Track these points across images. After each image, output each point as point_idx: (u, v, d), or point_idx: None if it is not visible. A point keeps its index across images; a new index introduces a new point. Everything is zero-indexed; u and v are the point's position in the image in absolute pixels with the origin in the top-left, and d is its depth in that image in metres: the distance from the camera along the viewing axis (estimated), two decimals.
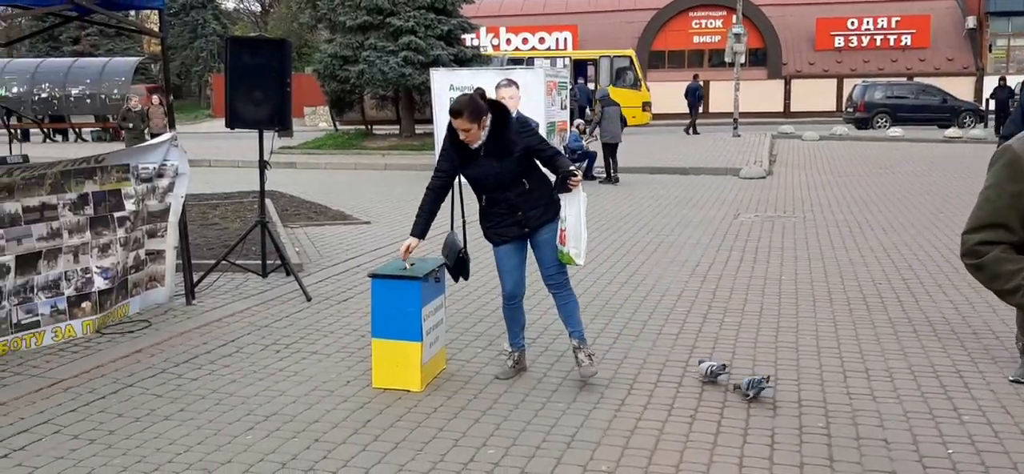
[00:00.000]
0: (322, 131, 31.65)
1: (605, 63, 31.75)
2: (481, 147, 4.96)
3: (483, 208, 5.15)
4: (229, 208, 12.39)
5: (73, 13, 6.98)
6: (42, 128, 30.21)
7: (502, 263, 5.16)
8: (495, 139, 4.96)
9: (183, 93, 51.28)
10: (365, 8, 23.90)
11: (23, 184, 5.76)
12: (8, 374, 5.33)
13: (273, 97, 7.48)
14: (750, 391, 4.79)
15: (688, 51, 41.09)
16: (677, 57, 41.10)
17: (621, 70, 31.35)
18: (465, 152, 5.01)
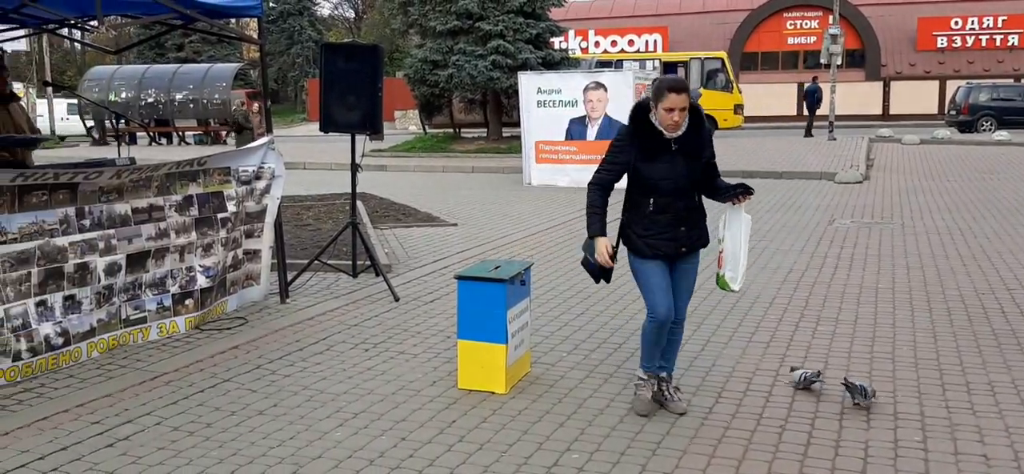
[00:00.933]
0: (412, 134, 32.17)
1: (696, 65, 31.27)
2: (675, 141, 4.50)
3: (648, 213, 4.58)
4: (322, 209, 12.72)
5: (178, 22, 7.28)
6: (148, 131, 31.60)
7: (651, 279, 4.61)
8: (691, 135, 4.53)
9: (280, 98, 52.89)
10: (455, 13, 24.19)
11: (132, 186, 6.04)
12: (115, 367, 5.59)
13: (365, 102, 7.63)
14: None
15: (782, 53, 40.19)
16: (771, 59, 40.24)
17: (712, 72, 30.83)
18: (652, 146, 4.51)
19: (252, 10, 7.02)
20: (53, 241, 5.45)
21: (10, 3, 6.60)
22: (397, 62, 41.36)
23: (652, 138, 4.51)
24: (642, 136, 4.54)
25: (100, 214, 5.78)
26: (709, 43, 36.75)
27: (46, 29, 8.12)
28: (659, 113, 4.47)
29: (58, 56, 50.37)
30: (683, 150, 4.52)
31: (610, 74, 17.56)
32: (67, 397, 5.02)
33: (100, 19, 5.82)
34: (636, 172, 4.59)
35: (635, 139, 4.57)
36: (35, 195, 5.36)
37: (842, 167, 17.60)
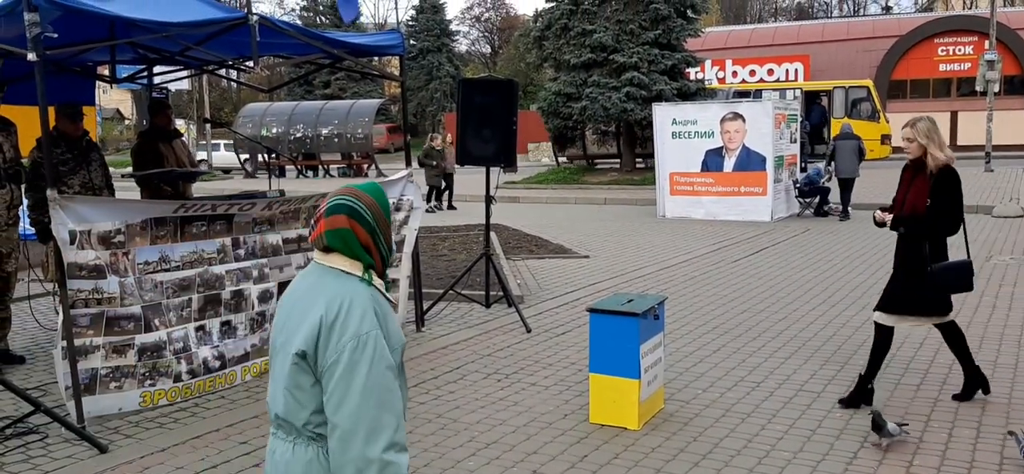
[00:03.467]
0: (544, 166, 32.43)
1: (839, 94, 30.14)
2: None
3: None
4: (457, 240, 12.98)
5: (326, 61, 7.66)
6: (296, 165, 33.22)
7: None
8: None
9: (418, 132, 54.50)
10: (589, 46, 24.31)
11: (282, 217, 6.37)
12: (261, 390, 5.86)
13: (500, 135, 7.77)
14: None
15: (933, 80, 38.19)
16: (921, 86, 38.32)
17: (857, 101, 29.62)
18: None
19: (394, 49, 7.29)
20: (211, 269, 5.80)
21: (175, 47, 7.13)
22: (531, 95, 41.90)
23: None
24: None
25: (254, 244, 6.12)
26: (854, 71, 35.35)
27: (206, 70, 8.70)
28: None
29: (216, 94, 53.83)
30: None
31: (748, 104, 17.19)
32: (218, 417, 5.31)
33: (256, 60, 6.19)
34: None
35: None
36: (195, 226, 5.73)
37: (1000, 200, 16.50)
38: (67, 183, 6.59)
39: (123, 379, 5.29)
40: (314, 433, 2.18)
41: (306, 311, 2.20)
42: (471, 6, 69.62)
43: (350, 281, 2.22)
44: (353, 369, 2.11)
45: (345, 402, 2.10)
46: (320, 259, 2.27)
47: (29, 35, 4.68)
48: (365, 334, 2.13)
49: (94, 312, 5.16)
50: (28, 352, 6.86)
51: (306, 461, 2.18)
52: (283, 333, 2.25)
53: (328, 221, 2.23)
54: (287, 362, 2.19)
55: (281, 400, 2.21)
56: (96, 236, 5.12)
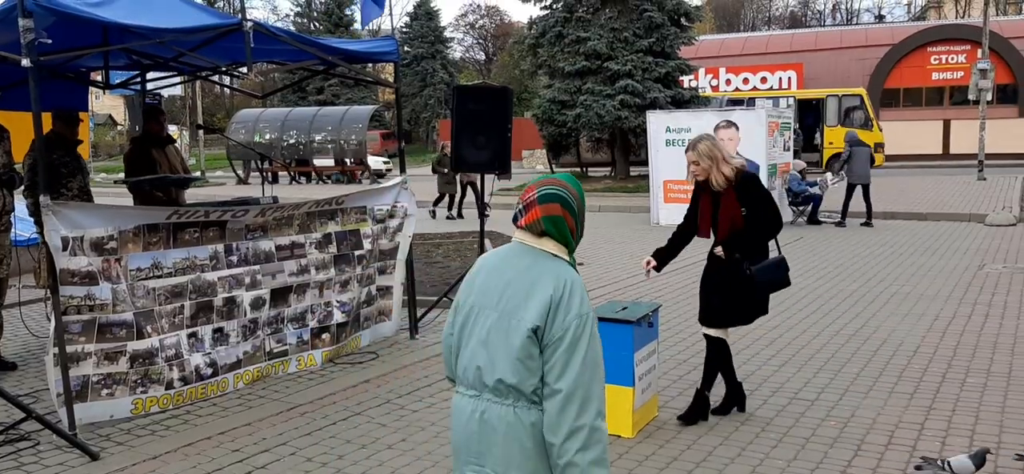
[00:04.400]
0: (539, 173, 32.44)
1: (833, 102, 30.21)
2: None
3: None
4: (450, 247, 12.97)
5: (320, 67, 7.66)
6: (289, 171, 33.17)
7: None
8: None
9: (412, 138, 54.54)
10: (584, 54, 24.37)
11: (275, 224, 6.35)
12: (254, 397, 5.85)
13: (494, 142, 7.77)
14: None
15: (926, 88, 38.35)
16: (913, 95, 38.47)
17: (850, 109, 29.69)
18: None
19: (389, 55, 7.29)
20: (204, 276, 5.79)
21: (169, 53, 7.11)
22: (526, 102, 41.97)
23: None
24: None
25: (246, 251, 6.10)
26: (847, 80, 35.47)
27: (199, 76, 8.69)
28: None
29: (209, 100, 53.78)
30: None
31: (742, 112, 17.23)
32: (210, 424, 5.29)
33: (250, 66, 6.19)
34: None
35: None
36: (188, 232, 5.71)
37: (993, 208, 16.56)
38: (66, 186, 6.61)
39: (115, 386, 5.27)
40: (536, 398, 2.42)
41: (532, 288, 2.44)
42: (465, 13, 69.94)
43: (562, 264, 2.52)
44: (576, 344, 2.37)
45: (567, 372, 2.36)
46: (532, 241, 2.53)
47: (23, 41, 4.67)
48: (586, 314, 2.42)
49: (86, 319, 5.14)
50: (19, 359, 6.82)
51: (530, 423, 2.41)
52: (500, 303, 2.47)
53: (544, 208, 2.51)
54: (518, 338, 2.41)
55: (510, 368, 2.42)
56: (89, 242, 5.10)
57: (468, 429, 2.51)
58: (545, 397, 2.39)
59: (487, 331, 2.48)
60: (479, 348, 2.50)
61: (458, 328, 2.60)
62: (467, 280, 2.63)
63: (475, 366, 2.50)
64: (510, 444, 2.42)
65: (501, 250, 2.62)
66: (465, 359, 2.55)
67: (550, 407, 2.37)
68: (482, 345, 2.49)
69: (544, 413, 2.39)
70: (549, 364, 2.39)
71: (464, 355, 2.55)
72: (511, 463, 2.43)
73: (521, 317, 2.42)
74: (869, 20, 62.32)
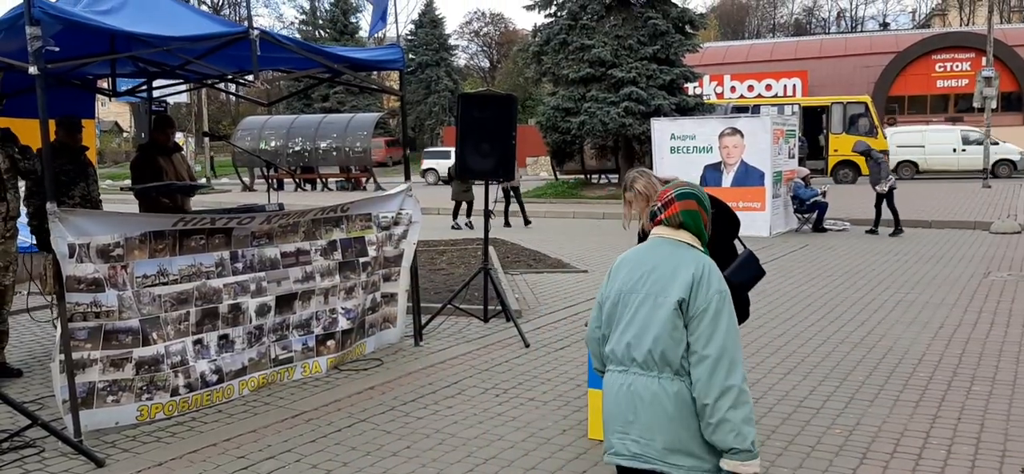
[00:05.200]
0: (543, 180, 32.46)
1: (837, 110, 30.20)
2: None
3: None
4: (454, 254, 12.98)
5: (326, 75, 7.68)
6: (294, 178, 33.24)
7: None
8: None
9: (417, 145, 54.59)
10: (588, 61, 24.39)
11: (280, 231, 6.37)
12: (260, 404, 5.86)
13: (499, 149, 7.79)
14: None
15: (931, 96, 38.37)
16: (918, 102, 38.47)
17: (855, 117, 29.69)
18: None
19: (395, 63, 7.30)
20: (209, 283, 5.80)
21: (176, 61, 7.14)
22: (530, 109, 42.00)
23: None
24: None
25: (252, 258, 6.12)
26: (852, 87, 35.47)
27: (206, 84, 8.72)
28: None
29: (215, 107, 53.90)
30: None
31: (747, 120, 17.23)
32: (216, 431, 5.30)
33: (256, 74, 6.21)
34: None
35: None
36: (194, 239, 5.73)
37: (998, 216, 16.54)
38: (69, 194, 6.63)
39: (120, 393, 5.28)
40: (681, 368, 2.70)
41: (676, 270, 2.76)
42: (470, 20, 70.15)
43: (698, 251, 2.85)
44: (718, 314, 2.69)
45: (713, 339, 2.67)
46: (670, 234, 2.87)
47: (31, 49, 4.69)
48: (725, 291, 2.73)
49: (92, 325, 5.15)
50: (25, 365, 6.84)
51: (674, 392, 2.70)
52: (645, 287, 2.80)
53: (682, 204, 2.88)
54: (665, 311, 2.72)
55: (658, 341, 2.72)
56: (95, 249, 5.12)
57: (617, 401, 2.81)
58: (694, 364, 2.69)
59: (634, 311, 2.80)
60: (627, 328, 2.82)
61: (605, 319, 2.92)
62: (608, 276, 2.97)
63: (625, 343, 2.81)
64: (655, 411, 2.71)
65: (640, 247, 2.96)
66: (613, 341, 2.87)
67: (700, 372, 2.66)
68: (630, 324, 2.81)
69: (693, 380, 2.67)
70: (696, 334, 2.69)
71: (613, 338, 2.88)
72: (655, 429, 2.71)
73: (668, 294, 2.74)
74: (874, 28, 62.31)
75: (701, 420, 2.66)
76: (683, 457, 2.70)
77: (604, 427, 2.90)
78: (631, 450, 2.76)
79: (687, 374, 2.70)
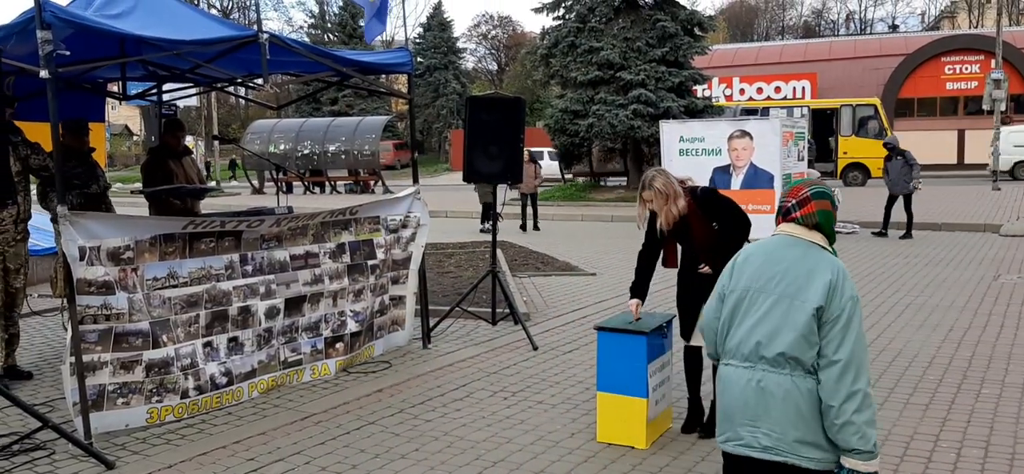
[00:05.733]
0: (551, 184, 32.45)
1: (847, 112, 30.12)
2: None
3: None
4: (463, 257, 12.99)
5: (335, 78, 7.70)
6: (304, 181, 33.31)
7: None
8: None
9: (424, 148, 54.67)
10: (596, 63, 24.38)
11: (290, 234, 6.39)
12: (269, 406, 5.87)
13: (507, 152, 7.79)
14: None
15: (940, 98, 38.19)
16: (928, 105, 38.31)
17: (864, 119, 29.61)
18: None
19: (403, 67, 7.32)
20: (219, 285, 5.82)
21: (186, 64, 7.17)
22: (538, 112, 42.00)
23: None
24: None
25: (261, 260, 6.14)
26: (861, 89, 35.36)
27: (215, 87, 8.75)
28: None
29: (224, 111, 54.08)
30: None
31: (756, 122, 17.18)
32: (225, 433, 5.31)
33: (265, 78, 6.23)
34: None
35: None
36: (204, 242, 5.75)
37: (1008, 218, 16.46)
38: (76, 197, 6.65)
39: (130, 395, 5.30)
40: (812, 368, 2.81)
41: (810, 274, 2.86)
42: (478, 23, 70.22)
43: (830, 255, 2.94)
44: (850, 321, 2.79)
45: (843, 345, 2.77)
46: (802, 233, 2.95)
47: (41, 52, 4.71)
48: (856, 297, 2.84)
49: (102, 328, 5.17)
50: (35, 368, 6.87)
51: (806, 390, 2.81)
52: (778, 287, 2.88)
53: (819, 204, 2.96)
54: (802, 316, 2.81)
55: (793, 343, 2.81)
56: (105, 252, 5.14)
57: (744, 396, 2.91)
58: (822, 367, 2.79)
59: (765, 311, 2.89)
60: (756, 326, 2.90)
61: (728, 312, 3.01)
62: (734, 270, 3.05)
63: (754, 341, 2.89)
64: (787, 407, 2.82)
65: (766, 243, 3.02)
66: (739, 336, 2.95)
67: (829, 375, 2.77)
68: (760, 323, 2.90)
69: (821, 382, 2.79)
70: (827, 338, 2.79)
71: (737, 333, 2.96)
72: (787, 424, 2.83)
73: (805, 298, 2.82)
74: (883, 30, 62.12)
75: (825, 419, 2.79)
76: (813, 450, 2.82)
77: (723, 418, 3.01)
78: (762, 443, 2.87)
79: (816, 372, 2.82)
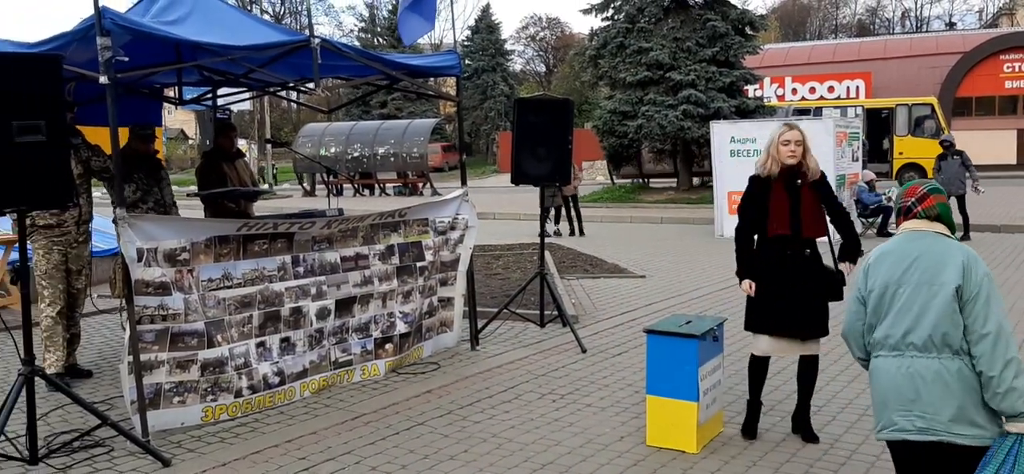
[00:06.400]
0: (599, 185, 32.32)
1: (902, 111, 29.47)
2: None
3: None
4: (511, 259, 12.99)
5: (384, 82, 7.77)
6: (353, 184, 33.67)
7: None
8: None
9: (472, 150, 54.85)
10: (646, 64, 24.23)
11: (340, 236, 6.46)
12: (320, 406, 5.94)
13: (555, 154, 7.77)
14: None
15: (999, 97, 37.18)
16: (986, 104, 37.33)
17: (920, 119, 28.94)
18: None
19: (452, 70, 7.35)
20: (272, 286, 5.90)
21: (240, 69, 7.30)
22: (586, 113, 41.88)
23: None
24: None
25: (313, 262, 6.21)
26: (917, 88, 34.57)
27: (268, 92, 8.90)
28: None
29: (276, 114, 54.92)
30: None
31: (809, 122, 16.91)
32: (277, 432, 5.38)
33: (317, 82, 6.31)
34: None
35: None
36: (257, 244, 5.84)
37: None
38: (141, 205, 6.83)
39: (186, 394, 5.41)
40: (961, 347, 3.03)
41: (942, 259, 3.10)
42: (526, 25, 70.08)
43: (954, 241, 3.20)
44: (990, 296, 3.03)
45: (990, 318, 3.00)
46: (925, 226, 3.23)
47: (101, 59, 4.83)
48: (989, 273, 3.08)
49: (159, 328, 5.28)
50: (95, 366, 7.04)
51: (956, 369, 3.03)
52: (913, 277, 3.13)
53: (936, 198, 3.25)
54: (943, 297, 3.04)
55: (938, 325, 3.04)
56: (162, 254, 5.25)
57: (896, 382, 3.12)
58: (974, 342, 3.00)
59: (906, 300, 3.13)
60: (900, 317, 3.14)
61: (870, 310, 3.25)
62: (867, 272, 3.29)
63: (901, 330, 3.13)
64: (937, 389, 3.03)
65: (894, 241, 3.27)
66: (884, 328, 3.19)
67: (982, 348, 2.98)
68: (903, 313, 3.13)
69: (976, 356, 2.99)
70: (973, 315, 3.01)
71: (883, 327, 3.20)
72: (939, 404, 3.02)
73: (943, 281, 3.06)
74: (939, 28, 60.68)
75: (987, 391, 2.97)
76: (966, 427, 3.00)
77: (878, 407, 3.21)
78: (917, 425, 3.07)
79: (965, 353, 3.01)
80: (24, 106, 4.34)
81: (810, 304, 4.91)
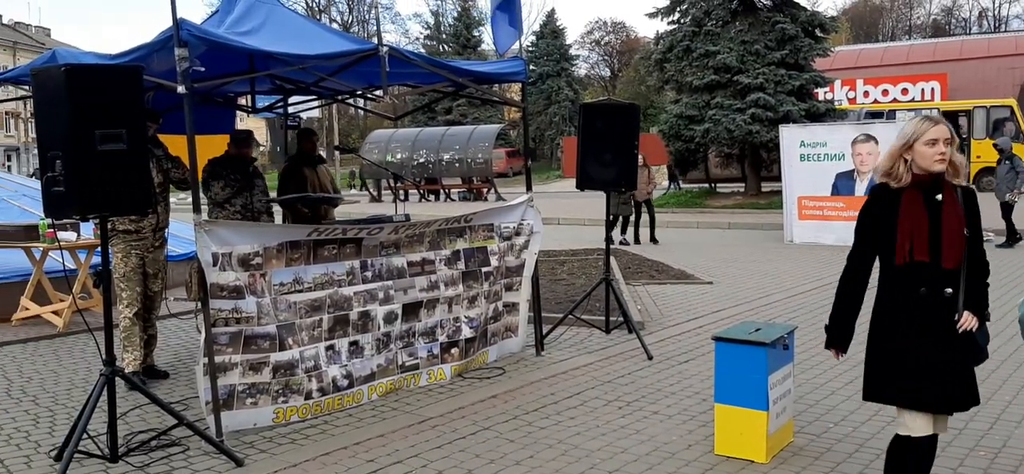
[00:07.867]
0: (664, 189, 32.03)
1: (980, 114, 28.53)
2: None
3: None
4: (575, 264, 12.96)
5: (450, 89, 7.84)
6: (419, 189, 34.04)
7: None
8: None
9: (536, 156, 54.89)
10: (713, 67, 23.95)
11: (407, 241, 6.53)
12: (387, 409, 6.01)
13: (620, 159, 7.73)
14: None
15: None
16: None
17: (999, 122, 27.96)
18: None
19: (518, 76, 7.37)
20: (341, 291, 6.00)
21: (310, 78, 7.45)
22: (652, 118, 41.56)
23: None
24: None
25: (380, 267, 6.29)
26: (995, 90, 33.39)
27: (337, 99, 9.05)
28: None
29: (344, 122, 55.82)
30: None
31: (882, 125, 16.51)
32: (346, 435, 5.46)
33: (385, 89, 6.40)
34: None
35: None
36: (326, 249, 5.94)
37: None
38: (230, 203, 7.09)
39: (258, 395, 5.53)
40: None
41: None
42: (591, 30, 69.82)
43: None
44: None
45: None
46: None
47: (179, 69, 4.98)
48: None
49: (233, 331, 5.41)
50: (171, 368, 7.25)
51: None
52: None
53: None
54: None
55: None
56: (236, 258, 5.38)
57: None
58: None
59: None
60: None
61: None
62: None
63: None
64: None
65: None
66: None
67: None
68: None
69: None
70: None
71: None
72: None
73: None
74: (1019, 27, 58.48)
75: None
76: None
77: None
78: None
79: None
80: (106, 115, 4.49)
81: (963, 366, 3.58)
